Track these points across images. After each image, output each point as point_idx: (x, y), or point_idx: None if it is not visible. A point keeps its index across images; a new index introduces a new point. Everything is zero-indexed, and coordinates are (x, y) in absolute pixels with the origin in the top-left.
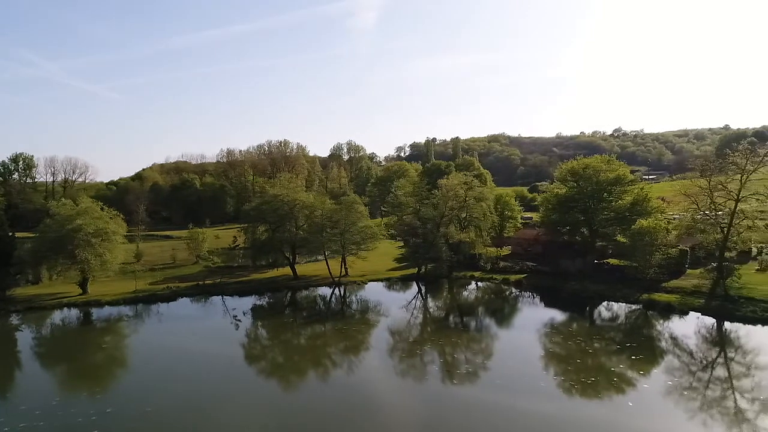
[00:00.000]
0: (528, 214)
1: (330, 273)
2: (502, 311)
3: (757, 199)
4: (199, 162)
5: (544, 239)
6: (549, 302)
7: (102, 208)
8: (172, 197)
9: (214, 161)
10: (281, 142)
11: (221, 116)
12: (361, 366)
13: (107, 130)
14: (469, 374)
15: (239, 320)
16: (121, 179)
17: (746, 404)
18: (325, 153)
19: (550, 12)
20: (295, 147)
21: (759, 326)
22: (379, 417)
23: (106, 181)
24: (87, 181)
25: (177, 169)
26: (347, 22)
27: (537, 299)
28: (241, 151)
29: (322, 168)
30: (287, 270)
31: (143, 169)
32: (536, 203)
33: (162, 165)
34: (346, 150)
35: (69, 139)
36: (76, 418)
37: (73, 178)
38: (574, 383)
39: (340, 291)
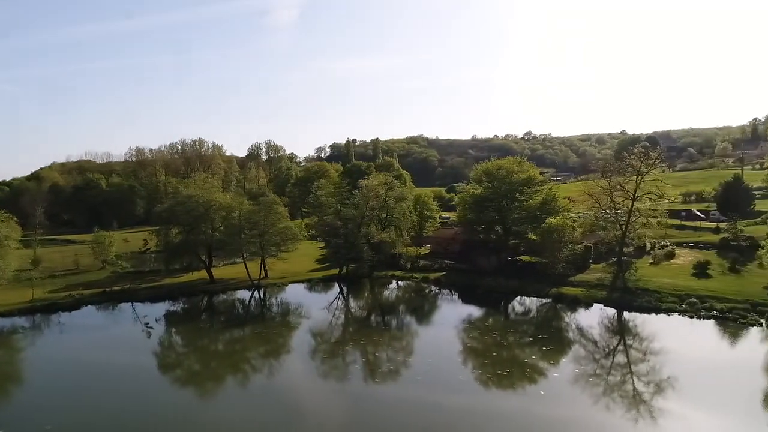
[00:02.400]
0: (446, 214)
1: (249, 275)
2: (422, 309)
3: (650, 198)
4: (105, 161)
5: (461, 238)
6: (466, 299)
7: None
8: (74, 199)
9: (122, 160)
10: (196, 140)
11: (128, 113)
12: (282, 369)
13: None
14: (391, 372)
15: (151, 328)
16: (15, 179)
17: (643, 387)
18: (242, 153)
19: (469, 17)
20: (210, 146)
21: (653, 315)
22: (301, 420)
23: None
24: None
25: (80, 168)
26: (267, 19)
27: (455, 296)
28: (152, 149)
29: (239, 168)
30: (203, 273)
31: (41, 169)
32: (454, 203)
33: (63, 164)
34: (264, 150)
35: None
36: None
37: None
38: (490, 376)
39: (259, 294)
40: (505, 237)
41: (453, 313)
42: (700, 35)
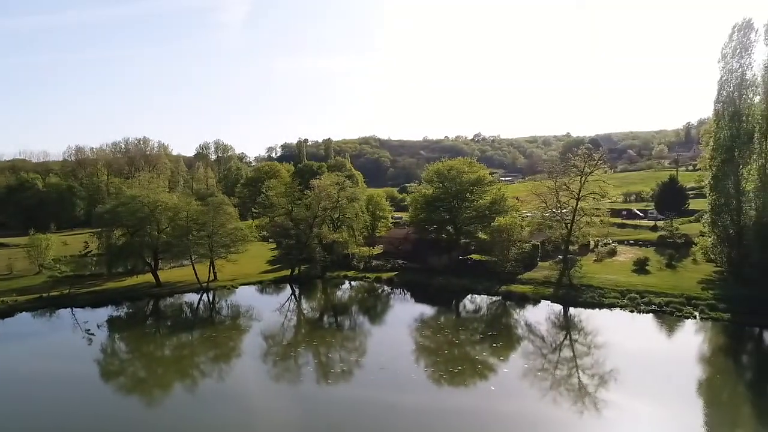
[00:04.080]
0: (398, 214)
1: (197, 278)
2: (375, 309)
3: (594, 198)
4: (41, 160)
5: (413, 238)
6: (419, 298)
7: None
8: (7, 200)
9: (61, 160)
10: (140, 139)
11: (68, 110)
12: (233, 373)
13: None
14: (344, 373)
15: (92, 334)
16: None
17: (588, 380)
18: (190, 152)
19: (420, 17)
20: (156, 145)
21: (597, 310)
22: (253, 423)
23: None
24: None
25: (13, 168)
26: (215, 15)
27: (407, 295)
28: (93, 148)
29: (187, 168)
30: (149, 277)
31: None
32: (405, 203)
33: None
34: (213, 149)
35: None
36: None
37: None
38: (442, 373)
39: (208, 297)
40: (456, 236)
41: (405, 312)
42: (640, 45)
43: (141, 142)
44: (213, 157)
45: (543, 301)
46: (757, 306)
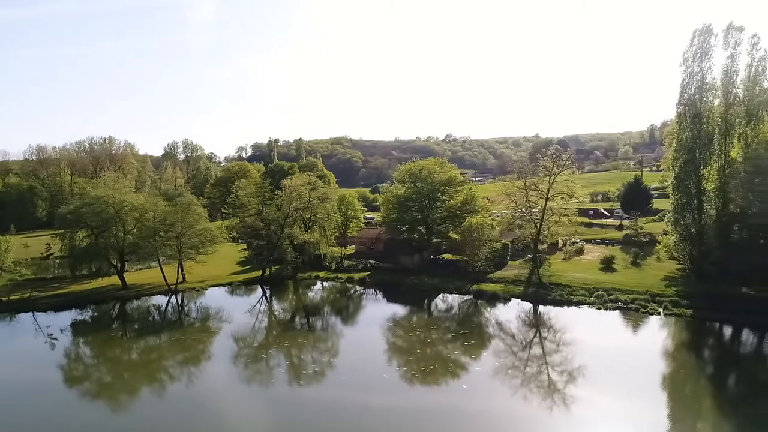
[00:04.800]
0: (370, 214)
1: (165, 280)
2: (347, 309)
3: (562, 198)
4: (0, 160)
5: (385, 238)
6: (391, 297)
7: None
8: None
9: (21, 159)
10: (106, 138)
11: (29, 109)
12: (203, 377)
13: None
14: (316, 374)
15: (55, 339)
16: None
17: (557, 376)
18: (158, 152)
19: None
20: (122, 144)
21: (566, 307)
22: (223, 427)
23: None
24: None
25: None
26: (183, 13)
27: (380, 295)
28: (55, 148)
29: (154, 168)
30: (115, 279)
31: None
32: (377, 204)
33: None
34: (182, 149)
35: None
36: None
37: None
38: (415, 373)
39: (177, 299)
40: (427, 236)
41: (377, 312)
42: (607, 49)
43: (106, 142)
44: (181, 156)
45: (513, 300)
46: (716, 302)
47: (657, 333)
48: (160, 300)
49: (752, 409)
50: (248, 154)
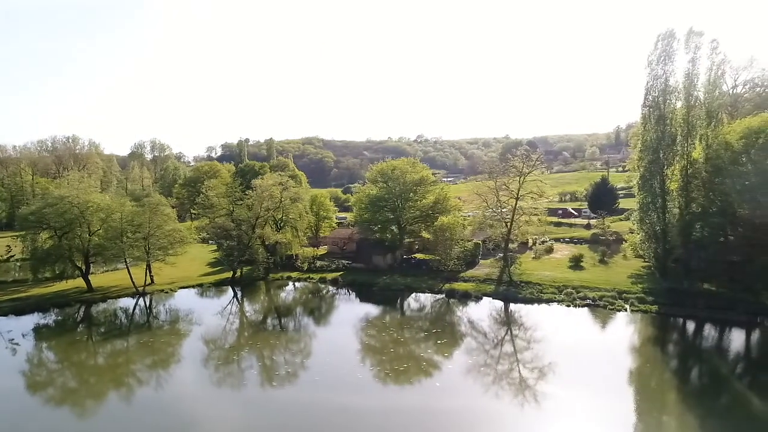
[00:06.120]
0: (342, 215)
1: (133, 282)
2: (320, 310)
3: (532, 197)
4: None
5: (357, 238)
6: (363, 297)
7: None
8: None
9: None
10: (69, 137)
11: None
12: (172, 380)
13: None
14: (289, 375)
15: (17, 344)
16: None
17: (528, 373)
18: (125, 152)
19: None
20: (86, 144)
21: (536, 305)
22: (193, 431)
23: None
24: None
25: None
26: (145, 8)
27: (352, 295)
28: (15, 146)
29: (121, 168)
30: (79, 282)
31: None
32: (349, 204)
33: None
34: (149, 148)
35: None
36: None
37: None
38: (388, 372)
39: (145, 301)
40: (400, 236)
41: (350, 312)
42: (575, 52)
43: (70, 141)
44: (149, 156)
45: (485, 298)
46: (680, 298)
47: (624, 329)
48: (128, 302)
49: (714, 401)
50: (218, 154)
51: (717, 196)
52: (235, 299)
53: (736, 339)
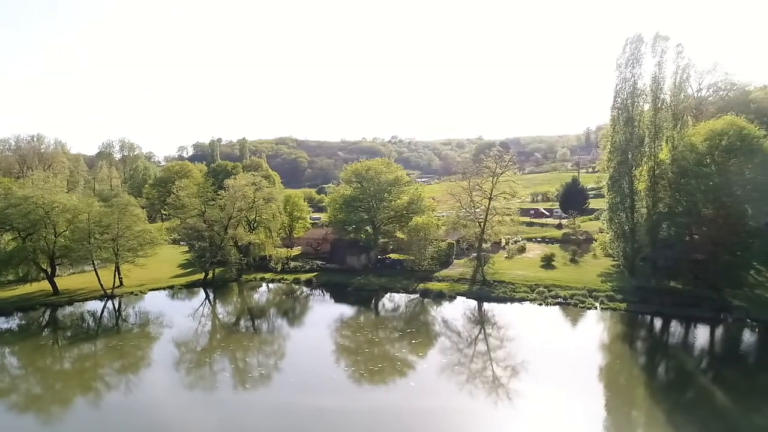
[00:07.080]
0: (316, 215)
1: (101, 284)
2: (294, 311)
3: (505, 198)
4: None
5: (332, 238)
6: (338, 298)
7: None
8: None
9: None
10: (33, 136)
11: None
12: (142, 384)
13: None
14: (262, 377)
15: None
16: None
17: (501, 371)
18: (92, 151)
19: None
20: (52, 143)
21: (509, 304)
22: None
23: None
24: None
25: None
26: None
27: (327, 296)
28: None
29: (88, 168)
30: (45, 284)
31: None
32: (324, 204)
33: None
34: (118, 148)
35: None
36: None
37: None
38: (363, 372)
39: (113, 304)
40: (374, 236)
41: (325, 312)
42: (547, 55)
43: (34, 140)
44: (118, 156)
45: (459, 298)
46: (647, 296)
47: (594, 326)
48: (95, 305)
49: (681, 395)
50: (189, 154)
51: (683, 197)
52: (207, 301)
53: (701, 335)
